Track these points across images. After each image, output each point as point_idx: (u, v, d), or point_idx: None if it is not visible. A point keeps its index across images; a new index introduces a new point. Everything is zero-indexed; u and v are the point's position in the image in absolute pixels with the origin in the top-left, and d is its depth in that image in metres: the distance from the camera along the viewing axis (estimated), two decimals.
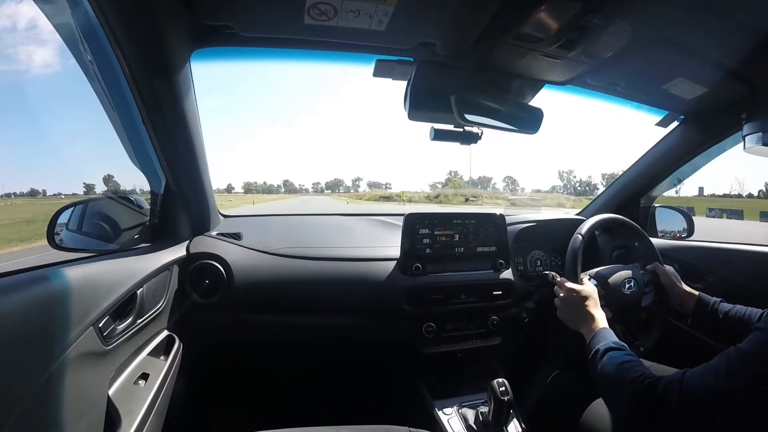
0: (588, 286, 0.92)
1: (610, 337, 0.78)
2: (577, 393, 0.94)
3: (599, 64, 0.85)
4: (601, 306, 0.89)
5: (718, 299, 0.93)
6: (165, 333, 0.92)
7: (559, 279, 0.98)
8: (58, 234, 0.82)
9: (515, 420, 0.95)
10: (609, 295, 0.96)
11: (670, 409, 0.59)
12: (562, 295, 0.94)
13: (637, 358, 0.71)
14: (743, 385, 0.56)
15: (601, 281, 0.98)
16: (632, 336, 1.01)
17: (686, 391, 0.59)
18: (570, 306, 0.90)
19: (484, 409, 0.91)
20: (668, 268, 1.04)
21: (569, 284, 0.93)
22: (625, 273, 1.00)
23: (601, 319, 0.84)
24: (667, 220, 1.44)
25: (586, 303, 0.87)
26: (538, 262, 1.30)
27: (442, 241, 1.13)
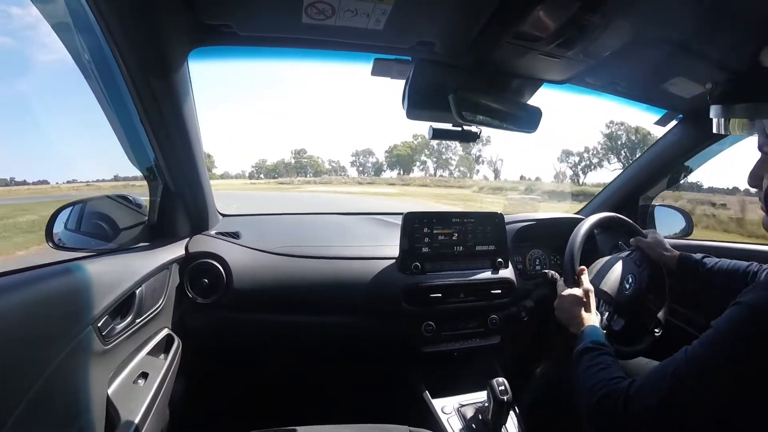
0: (585, 288, 0.91)
1: (590, 336, 0.76)
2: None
3: (598, 63, 0.85)
4: (601, 303, 0.89)
5: (702, 255, 0.96)
6: (164, 332, 0.92)
7: (560, 281, 0.98)
8: (57, 233, 0.82)
9: (515, 419, 0.95)
10: (610, 297, 0.96)
11: (622, 422, 0.56)
12: (556, 302, 0.94)
13: (607, 360, 0.67)
14: (692, 388, 0.51)
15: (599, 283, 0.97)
16: (631, 337, 1.01)
17: (632, 403, 0.55)
18: (564, 309, 0.90)
19: (483, 408, 0.92)
20: (649, 236, 1.05)
21: (567, 290, 0.93)
22: (618, 267, 1.00)
23: (589, 321, 0.83)
24: (666, 219, 1.44)
25: (578, 306, 0.87)
26: (537, 261, 1.30)
27: (441, 240, 1.13)
